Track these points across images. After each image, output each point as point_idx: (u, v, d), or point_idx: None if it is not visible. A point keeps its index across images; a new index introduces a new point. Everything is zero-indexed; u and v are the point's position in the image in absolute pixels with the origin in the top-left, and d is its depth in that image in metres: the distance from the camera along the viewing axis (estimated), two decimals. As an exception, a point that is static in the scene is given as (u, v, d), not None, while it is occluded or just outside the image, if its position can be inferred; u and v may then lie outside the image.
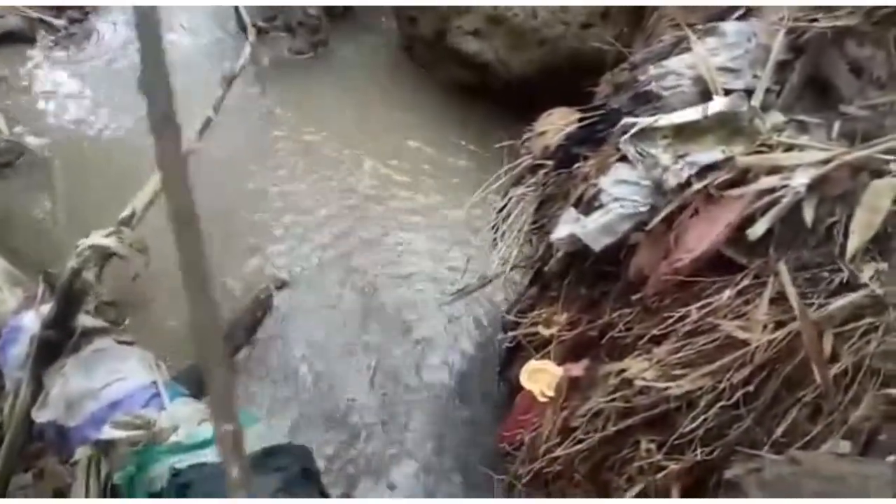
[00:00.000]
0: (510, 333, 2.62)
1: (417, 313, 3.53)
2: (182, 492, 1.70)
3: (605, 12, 3.96)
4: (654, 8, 3.25)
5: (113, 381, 1.90)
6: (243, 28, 4.63)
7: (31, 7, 4.89)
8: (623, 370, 2.00)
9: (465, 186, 3.97)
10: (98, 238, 1.83)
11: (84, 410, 1.88)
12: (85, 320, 1.98)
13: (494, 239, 2.98)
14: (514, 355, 2.76)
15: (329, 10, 4.98)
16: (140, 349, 2.06)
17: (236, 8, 4.75)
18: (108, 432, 1.78)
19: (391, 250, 3.80)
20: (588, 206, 2.11)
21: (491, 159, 3.31)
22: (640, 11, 3.62)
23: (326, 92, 4.59)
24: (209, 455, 1.73)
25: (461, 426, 3.16)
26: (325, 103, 4.53)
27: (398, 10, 4.75)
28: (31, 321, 1.98)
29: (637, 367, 1.97)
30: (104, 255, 1.84)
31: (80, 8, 4.99)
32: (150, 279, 2.82)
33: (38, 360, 1.90)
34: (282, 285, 3.66)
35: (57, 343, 1.91)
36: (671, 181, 1.91)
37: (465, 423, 3.16)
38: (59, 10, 4.96)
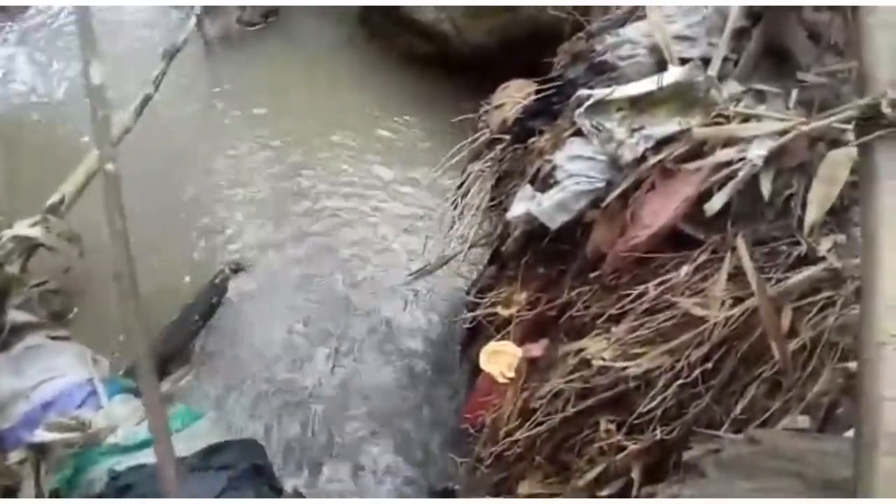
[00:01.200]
0: (470, 314, 2.56)
1: (376, 293, 3.45)
2: (122, 494, 1.61)
3: (563, -21, 3.85)
4: (612, -26, 3.17)
5: (46, 379, 1.80)
6: (189, -3, 4.43)
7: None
8: (581, 350, 1.96)
9: (423, 161, 3.89)
10: (23, 228, 1.71)
11: (16, 411, 1.79)
12: (15, 315, 1.86)
13: (453, 217, 2.91)
14: (475, 336, 2.71)
15: (280, -22, 4.79)
16: (76, 344, 1.96)
17: (181, -23, 4.54)
18: (40, 435, 1.68)
19: (347, 228, 3.70)
20: (544, 182, 2.04)
21: (449, 133, 3.22)
22: (598, -22, 3.53)
23: (278, 65, 4.43)
24: (149, 456, 1.64)
25: (424, 408, 3.12)
26: (277, 77, 4.37)
27: (352, -22, 4.58)
28: (-46, 319, 1.86)
29: (596, 346, 1.93)
30: (30, 247, 1.72)
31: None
32: (97, 264, 2.71)
33: (-37, 360, 1.78)
34: (237, 269, 3.55)
35: (-17, 341, 1.79)
36: (627, 156, 1.85)
37: (428, 405, 3.12)
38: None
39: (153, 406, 1.21)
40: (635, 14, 2.37)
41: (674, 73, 1.87)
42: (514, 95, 2.80)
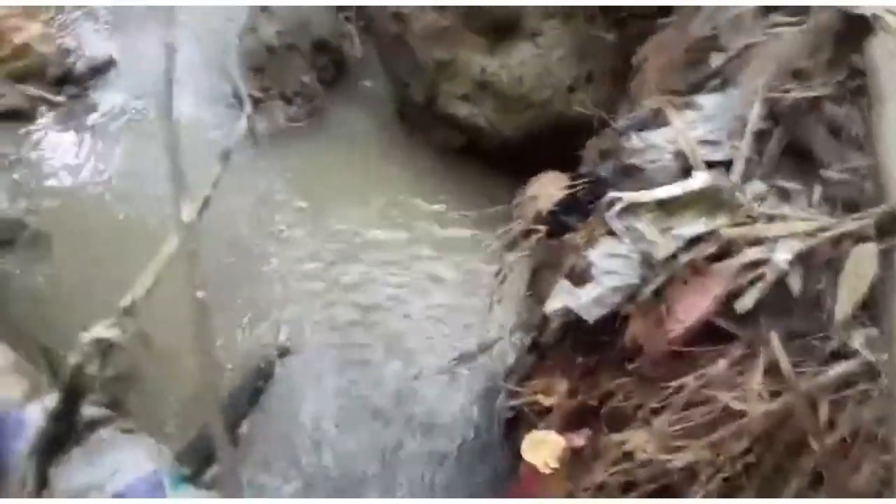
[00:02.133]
0: (510, 402, 2.63)
1: (417, 379, 3.53)
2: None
3: (589, 76, 4.09)
4: (636, 73, 3.38)
5: (117, 471, 1.91)
6: (240, 99, 4.76)
7: (31, 84, 5.03)
8: (624, 442, 2.02)
9: (459, 250, 4.04)
10: (100, 330, 1.86)
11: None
12: (89, 411, 2.00)
13: (491, 304, 3.03)
14: (516, 423, 2.77)
15: (323, 78, 5.12)
16: (144, 437, 2.08)
17: (233, 80, 4.89)
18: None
19: (389, 316, 3.82)
20: (580, 278, 2.15)
21: (485, 222, 3.36)
22: (623, 76, 3.75)
23: (322, 159, 4.69)
24: (213, 548, 1.73)
25: (466, 496, 3.14)
26: (321, 170, 4.62)
27: (391, 77, 4.89)
28: (35, 414, 2.00)
29: (638, 438, 1.99)
30: (105, 347, 1.87)
31: (80, 84, 5.12)
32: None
33: (43, 453, 1.92)
34: (283, 353, 3.67)
35: (62, 435, 1.92)
36: (659, 254, 1.96)
37: (469, 493, 3.14)
38: (58, 87, 5.08)
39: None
40: (660, 116, 2.54)
41: (699, 179, 2.00)
42: (548, 188, 2.96)
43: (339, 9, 5.37)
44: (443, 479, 3.24)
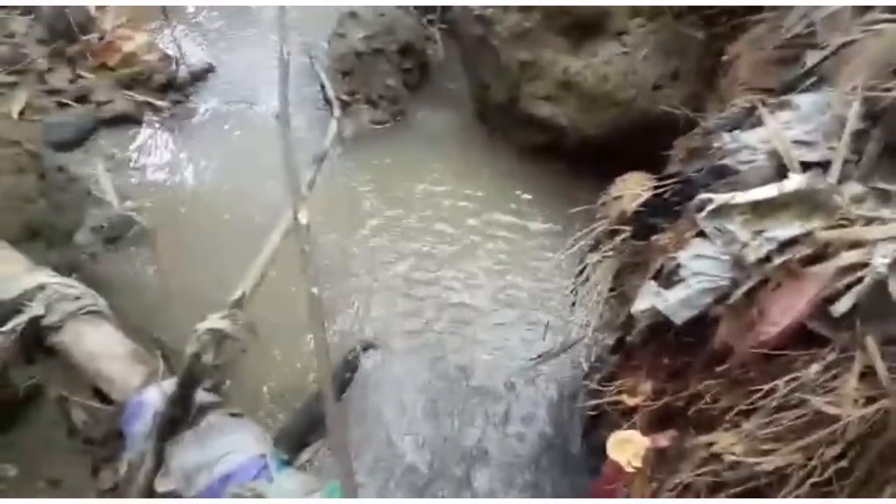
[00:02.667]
0: (593, 401, 2.65)
1: (497, 377, 3.60)
2: (291, 561, 1.83)
3: (676, 74, 4.04)
4: (727, 71, 3.32)
5: (226, 453, 2.06)
6: (329, 103, 4.97)
7: (137, 91, 5.41)
8: (712, 443, 2.02)
9: (540, 250, 4.08)
10: (214, 322, 2.03)
11: (200, 481, 2.06)
12: (201, 396, 2.17)
13: (573, 304, 3.05)
14: (597, 423, 2.79)
15: (407, 81, 5.28)
16: (250, 422, 2.24)
17: (321, 84, 5.11)
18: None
19: (471, 313, 3.91)
20: (668, 279, 2.16)
21: (565, 221, 3.38)
22: (711, 73, 3.68)
23: (405, 159, 4.84)
24: (314, 527, 1.86)
25: (544, 494, 3.18)
26: (404, 170, 4.76)
27: (472, 78, 4.98)
28: (154, 397, 2.19)
29: (726, 440, 1.98)
30: (219, 338, 2.03)
31: (182, 90, 5.47)
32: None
33: (160, 435, 2.09)
34: (368, 347, 3.82)
35: (177, 418, 2.10)
36: (751, 256, 1.95)
37: (548, 490, 3.18)
38: (162, 93, 5.45)
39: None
40: (752, 115, 2.50)
41: (795, 181, 1.97)
42: (633, 188, 2.95)
43: (424, 12, 5.50)
44: (522, 476, 3.29)
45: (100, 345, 2.36)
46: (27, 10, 5.80)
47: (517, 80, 4.46)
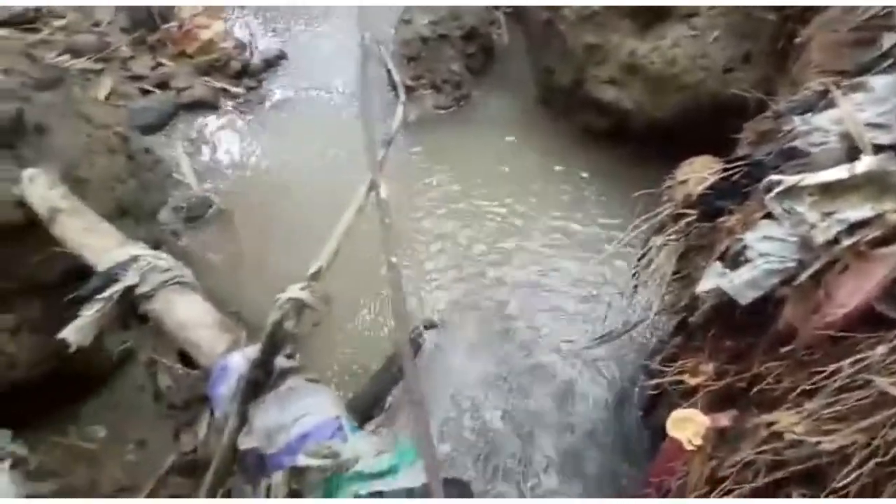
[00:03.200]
0: (654, 381, 2.69)
1: (557, 356, 3.67)
2: (363, 515, 1.95)
3: (747, 57, 3.97)
4: (799, 54, 3.26)
5: (304, 415, 2.20)
6: (395, 87, 5.09)
7: (214, 77, 5.65)
8: (773, 423, 2.04)
9: (605, 233, 4.11)
10: (295, 292, 2.16)
11: (280, 440, 2.20)
12: (281, 361, 2.31)
13: (635, 286, 3.08)
14: (658, 402, 2.83)
15: (471, 66, 5.34)
16: (326, 387, 2.37)
17: (388, 70, 5.23)
18: (302, 460, 2.07)
19: (532, 293, 3.98)
20: (734, 260, 2.18)
21: (630, 205, 3.39)
22: (783, 56, 3.61)
23: (468, 143, 4.92)
24: (385, 484, 1.98)
25: (601, 469, 3.24)
26: (467, 154, 4.85)
27: (537, 62, 5.00)
28: (238, 362, 2.34)
29: (788, 420, 2.00)
30: (299, 307, 2.16)
31: (256, 76, 5.69)
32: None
33: (244, 397, 2.25)
34: (431, 325, 3.94)
35: (260, 382, 2.25)
36: (819, 238, 1.96)
37: (605, 467, 3.24)
38: (237, 79, 5.68)
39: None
40: (826, 97, 2.47)
41: (866, 162, 1.96)
42: (699, 171, 2.95)
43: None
44: (581, 454, 3.35)
45: (189, 313, 2.52)
46: None
47: (583, 64, 4.47)
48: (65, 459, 3.18)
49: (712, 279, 2.20)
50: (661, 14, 4.14)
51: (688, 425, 2.37)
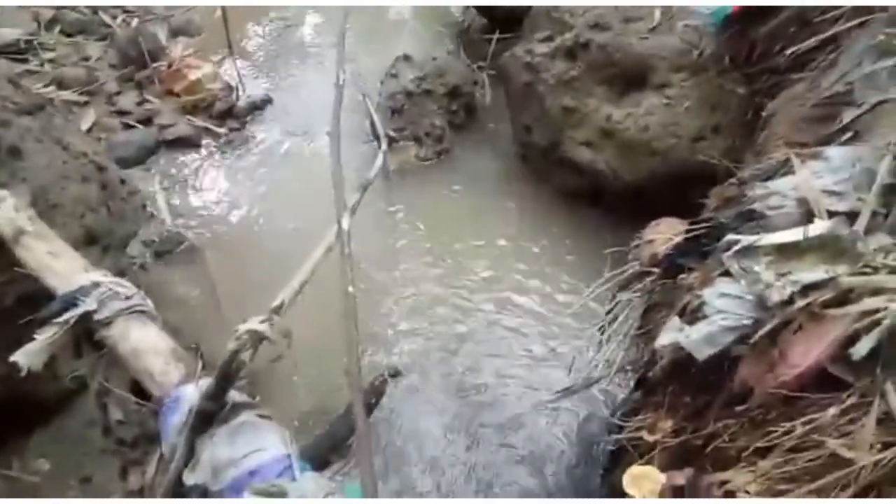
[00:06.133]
0: (614, 436, 2.68)
1: (519, 410, 3.64)
2: (306, 558, 1.89)
3: (717, 127, 4.12)
4: (766, 126, 3.39)
5: (253, 451, 2.15)
6: (377, 137, 5.18)
7: (198, 116, 5.71)
8: (727, 482, 2.03)
9: (572, 289, 4.15)
10: (254, 324, 2.14)
11: (227, 476, 2.14)
12: (234, 395, 2.27)
13: (600, 341, 3.10)
14: (618, 458, 2.80)
15: (453, 122, 5.47)
16: (277, 424, 2.32)
17: (371, 120, 5.33)
18: (247, 498, 2.01)
19: (497, 348, 3.98)
20: (692, 316, 2.21)
21: (598, 264, 3.45)
22: (751, 127, 3.76)
23: (446, 196, 4.98)
24: (331, 527, 1.93)
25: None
26: (444, 207, 4.91)
27: (516, 122, 5.13)
28: (191, 394, 2.29)
29: (741, 479, 1.99)
30: (258, 339, 2.14)
31: (240, 119, 5.75)
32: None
33: (194, 429, 2.19)
34: (395, 374, 3.89)
35: (211, 414, 2.20)
36: (774, 297, 1.99)
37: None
38: (221, 120, 5.74)
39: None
40: (786, 166, 2.57)
41: (819, 226, 2.02)
42: (665, 232, 3.02)
43: (474, 58, 5.73)
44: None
45: (144, 341, 2.47)
46: (103, 37, 6.23)
47: (560, 126, 4.59)
48: (4, 493, 3.05)
49: (670, 334, 2.23)
50: (637, 83, 4.29)
51: (644, 482, 2.36)
